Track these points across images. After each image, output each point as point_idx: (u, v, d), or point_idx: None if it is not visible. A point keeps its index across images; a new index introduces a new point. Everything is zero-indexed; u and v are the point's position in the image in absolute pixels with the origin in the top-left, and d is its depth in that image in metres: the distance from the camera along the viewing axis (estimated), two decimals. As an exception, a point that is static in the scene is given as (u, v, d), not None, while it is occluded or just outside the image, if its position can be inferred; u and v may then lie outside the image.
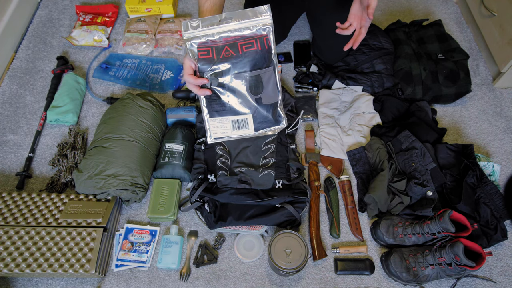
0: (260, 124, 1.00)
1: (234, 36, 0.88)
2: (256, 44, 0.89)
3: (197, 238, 1.18)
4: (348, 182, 1.26)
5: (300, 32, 1.68)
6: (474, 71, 1.56)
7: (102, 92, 1.51)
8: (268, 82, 0.94)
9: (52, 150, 1.35)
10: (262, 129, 1.02)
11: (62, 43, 1.64)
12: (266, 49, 0.90)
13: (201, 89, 0.93)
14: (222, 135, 1.01)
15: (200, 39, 0.87)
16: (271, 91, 0.96)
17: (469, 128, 1.42)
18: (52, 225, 1.10)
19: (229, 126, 0.99)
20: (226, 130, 1.00)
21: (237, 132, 1.00)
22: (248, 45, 0.89)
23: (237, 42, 0.89)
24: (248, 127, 1.00)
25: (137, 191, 1.18)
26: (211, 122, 0.99)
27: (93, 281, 1.11)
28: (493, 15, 1.47)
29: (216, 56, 0.89)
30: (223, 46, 0.88)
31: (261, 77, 0.92)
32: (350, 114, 1.39)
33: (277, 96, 0.98)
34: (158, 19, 1.68)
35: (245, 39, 0.88)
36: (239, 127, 1.00)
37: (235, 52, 0.89)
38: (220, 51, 0.89)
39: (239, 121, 0.98)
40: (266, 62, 0.91)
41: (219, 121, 0.98)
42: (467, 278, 1.12)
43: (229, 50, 0.89)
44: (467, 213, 1.13)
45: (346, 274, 1.12)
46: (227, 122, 0.99)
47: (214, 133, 1.00)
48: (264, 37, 0.89)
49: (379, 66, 1.43)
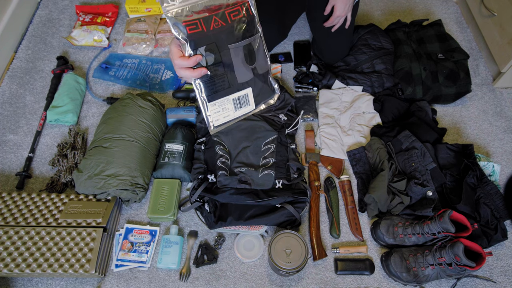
0: (258, 97, 0.95)
1: (217, 5, 0.81)
2: (242, 11, 0.84)
3: (197, 238, 1.18)
4: (348, 182, 1.26)
5: (300, 32, 1.68)
6: (474, 71, 1.56)
7: (102, 92, 1.51)
8: (259, 50, 0.90)
9: (52, 150, 1.35)
10: (261, 102, 0.96)
11: (62, 43, 1.64)
12: (251, 15, 0.86)
13: (196, 70, 0.82)
14: (224, 120, 0.93)
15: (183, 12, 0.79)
16: (262, 59, 0.92)
17: (469, 128, 1.42)
18: (52, 225, 1.10)
19: (231, 106, 0.93)
20: (228, 113, 0.93)
21: (239, 111, 0.94)
22: (235, 12, 0.83)
23: (223, 10, 0.82)
24: (249, 103, 0.94)
25: (137, 191, 1.18)
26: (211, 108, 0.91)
27: (93, 281, 1.11)
28: (493, 15, 1.47)
29: (206, 28, 0.81)
30: (210, 17, 0.81)
31: (253, 45, 0.88)
32: (350, 114, 1.39)
33: (268, 64, 0.94)
34: (158, 19, 1.68)
35: (230, 7, 0.83)
36: (241, 104, 0.94)
37: (225, 21, 0.83)
38: (209, 22, 0.81)
39: (240, 98, 0.92)
40: (254, 29, 0.87)
41: (219, 104, 0.91)
42: (467, 278, 1.12)
43: (218, 20, 0.82)
44: (467, 213, 1.14)
45: (346, 274, 1.12)
46: (228, 103, 0.92)
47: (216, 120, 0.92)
48: (247, 2, 0.85)
49: (379, 66, 1.43)
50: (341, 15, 1.32)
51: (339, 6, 1.29)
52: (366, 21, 1.71)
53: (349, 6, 1.31)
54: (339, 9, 1.30)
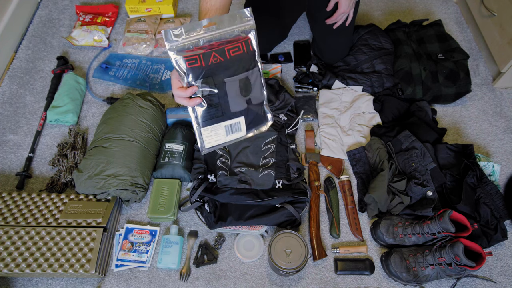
0: (251, 124, 1.01)
1: (218, 42, 0.88)
2: (242, 47, 0.90)
3: (197, 238, 1.18)
4: (348, 182, 1.26)
5: (300, 32, 1.68)
6: (474, 71, 1.56)
7: (102, 92, 1.51)
8: (255, 82, 0.96)
9: (52, 150, 1.35)
10: (253, 128, 1.02)
11: (62, 43, 1.64)
12: (251, 51, 0.92)
13: (192, 99, 0.91)
14: (216, 143, 1.00)
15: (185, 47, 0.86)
16: (258, 91, 0.97)
17: (469, 128, 1.42)
18: (52, 225, 1.10)
19: (223, 132, 0.99)
20: (219, 137, 0.99)
21: (230, 136, 1.00)
22: (234, 49, 0.90)
23: (223, 47, 0.89)
24: (241, 129, 1.00)
25: (137, 191, 1.18)
26: (204, 132, 0.97)
27: (93, 281, 1.11)
28: (493, 15, 1.47)
29: (205, 63, 0.88)
30: (210, 53, 0.88)
31: (249, 79, 0.94)
32: (350, 114, 1.39)
33: (263, 95, 1.00)
34: (158, 19, 1.68)
35: (230, 44, 0.89)
36: (232, 131, 0.99)
37: (223, 57, 0.89)
38: (208, 58, 0.88)
39: (232, 125, 0.98)
40: (252, 63, 0.93)
41: (212, 129, 0.97)
42: (467, 278, 1.12)
43: (217, 56, 0.88)
44: (467, 213, 1.13)
45: (346, 274, 1.12)
46: (221, 129, 0.98)
47: (208, 143, 0.99)
48: (248, 39, 0.91)
49: (379, 66, 1.43)
50: (345, 11, 1.31)
51: (344, 2, 1.29)
52: (366, 21, 1.71)
53: (353, 2, 1.31)
54: (343, 5, 1.29)
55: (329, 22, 1.37)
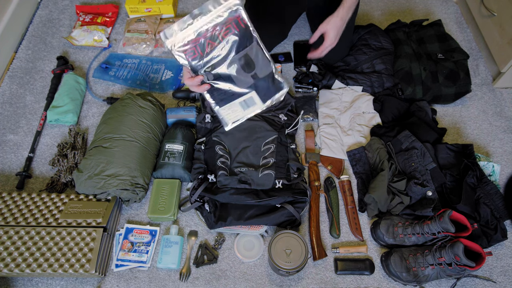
0: (265, 95, 1.07)
1: (211, 29, 0.94)
2: (233, 27, 0.94)
3: (197, 238, 1.18)
4: (348, 182, 1.26)
5: (300, 32, 1.68)
6: (474, 71, 1.56)
7: (102, 92, 1.51)
8: (257, 57, 1.00)
9: (52, 150, 1.35)
10: (269, 99, 1.08)
11: (62, 43, 1.64)
12: (244, 28, 0.95)
13: (201, 86, 1.00)
14: (236, 119, 1.09)
15: (180, 43, 0.94)
16: (262, 64, 1.02)
17: (469, 128, 1.42)
18: (52, 225, 1.10)
19: (239, 108, 1.07)
20: (238, 113, 1.08)
21: (248, 110, 1.08)
22: (226, 31, 0.95)
23: (214, 32, 0.94)
24: (256, 103, 1.07)
25: (137, 191, 1.18)
26: (222, 112, 1.07)
27: (93, 281, 1.11)
28: (493, 15, 1.47)
29: (202, 52, 0.96)
30: (204, 41, 0.94)
31: (249, 55, 0.99)
32: (350, 114, 1.39)
33: (270, 66, 1.04)
34: (158, 19, 1.68)
35: (221, 27, 0.94)
36: (248, 105, 1.07)
37: (217, 42, 0.95)
38: (203, 46, 0.95)
39: (246, 100, 1.06)
40: (248, 39, 0.97)
41: (228, 108, 1.06)
42: (467, 278, 1.12)
43: (211, 42, 0.95)
44: (467, 213, 1.13)
45: (346, 274, 1.12)
46: (236, 106, 1.06)
47: (229, 119, 1.08)
48: (237, 18, 0.94)
49: (379, 66, 1.43)
50: (332, 44, 1.22)
51: (331, 34, 1.19)
52: (366, 21, 1.71)
53: (340, 33, 1.22)
54: (331, 37, 1.20)
55: (312, 58, 1.31)
